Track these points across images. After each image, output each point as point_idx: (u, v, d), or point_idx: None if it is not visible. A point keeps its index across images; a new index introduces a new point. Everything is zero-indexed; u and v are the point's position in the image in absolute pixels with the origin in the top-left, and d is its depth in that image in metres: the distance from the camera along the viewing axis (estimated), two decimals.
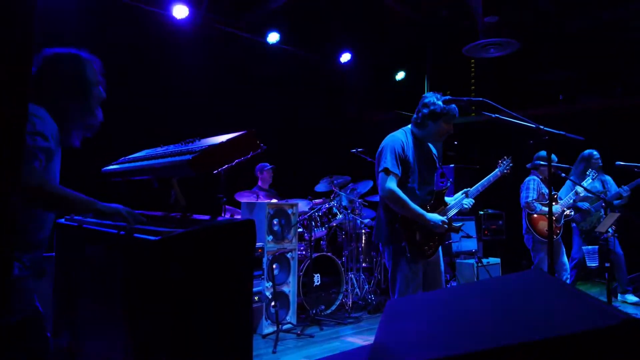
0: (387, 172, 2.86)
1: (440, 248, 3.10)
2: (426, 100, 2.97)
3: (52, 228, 1.95)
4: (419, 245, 2.90)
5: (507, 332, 0.97)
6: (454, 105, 2.94)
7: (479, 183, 3.24)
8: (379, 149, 2.99)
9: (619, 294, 5.53)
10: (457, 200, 3.13)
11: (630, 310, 5.16)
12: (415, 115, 3.02)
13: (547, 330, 0.92)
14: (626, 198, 5.08)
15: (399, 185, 2.87)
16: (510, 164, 3.37)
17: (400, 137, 2.96)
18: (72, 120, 1.90)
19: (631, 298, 5.43)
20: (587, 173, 4.92)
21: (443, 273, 3.12)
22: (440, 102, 2.92)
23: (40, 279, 1.87)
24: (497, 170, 3.34)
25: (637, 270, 5.74)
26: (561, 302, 1.04)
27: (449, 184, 3.16)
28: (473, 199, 3.17)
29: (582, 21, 7.15)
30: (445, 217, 2.96)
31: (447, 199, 3.15)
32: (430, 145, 3.14)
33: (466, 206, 3.11)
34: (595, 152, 5.21)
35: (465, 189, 3.19)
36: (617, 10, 6.80)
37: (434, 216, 2.89)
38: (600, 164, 5.18)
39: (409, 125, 3.08)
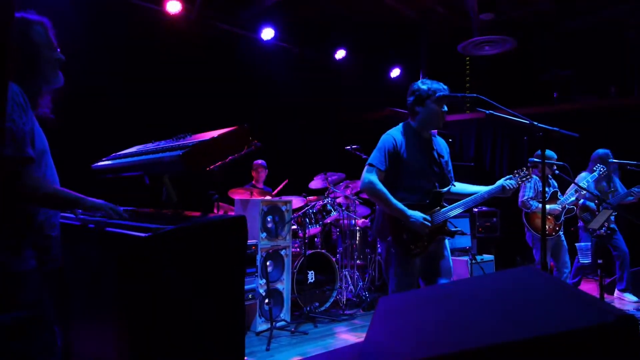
0: (369, 165, 2.82)
1: (447, 239, 2.90)
2: (411, 89, 2.93)
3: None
4: (405, 242, 2.75)
5: (501, 330, 0.96)
6: (439, 84, 2.86)
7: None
8: None
9: (616, 290, 5.52)
10: (463, 201, 2.87)
11: (629, 308, 5.16)
12: (408, 108, 2.97)
13: (542, 327, 0.91)
14: (636, 198, 5.03)
15: (389, 182, 2.77)
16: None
17: (393, 134, 2.88)
18: (31, 87, 1.74)
19: (630, 297, 5.39)
20: (594, 168, 4.84)
21: (449, 259, 2.87)
22: (424, 86, 2.86)
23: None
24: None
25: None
26: (555, 299, 1.02)
27: (452, 185, 2.99)
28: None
29: (577, 20, 7.17)
30: (439, 216, 2.80)
31: (477, 187, 2.97)
32: (438, 143, 3.00)
33: (509, 187, 2.85)
34: (609, 152, 5.16)
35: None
36: (613, 10, 6.82)
37: (416, 213, 2.70)
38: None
39: (408, 120, 2.99)
